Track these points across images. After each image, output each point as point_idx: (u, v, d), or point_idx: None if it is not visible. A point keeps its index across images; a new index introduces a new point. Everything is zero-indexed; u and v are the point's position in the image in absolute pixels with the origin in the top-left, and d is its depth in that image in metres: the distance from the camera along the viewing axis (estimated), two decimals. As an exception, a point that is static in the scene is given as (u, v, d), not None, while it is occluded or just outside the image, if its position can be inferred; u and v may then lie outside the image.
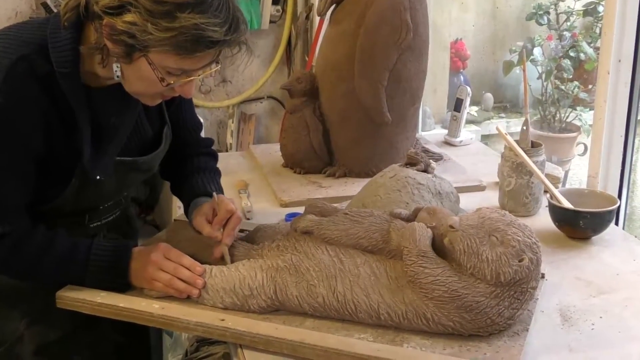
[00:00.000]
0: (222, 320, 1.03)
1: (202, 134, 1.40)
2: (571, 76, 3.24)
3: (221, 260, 1.14)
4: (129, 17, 0.96)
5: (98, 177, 1.11)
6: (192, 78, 1.03)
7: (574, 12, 3.32)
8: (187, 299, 1.09)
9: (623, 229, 1.49)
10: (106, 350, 1.26)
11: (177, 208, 2.14)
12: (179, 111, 1.29)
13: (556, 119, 3.32)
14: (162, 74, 1.01)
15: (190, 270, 1.08)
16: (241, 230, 1.31)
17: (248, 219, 1.48)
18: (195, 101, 2.36)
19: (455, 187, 1.33)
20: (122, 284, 1.10)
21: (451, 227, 1.00)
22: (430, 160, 1.31)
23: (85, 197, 1.12)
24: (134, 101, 1.13)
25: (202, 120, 1.43)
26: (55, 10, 2.10)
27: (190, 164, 1.33)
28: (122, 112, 1.13)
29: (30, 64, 1.00)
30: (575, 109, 3.30)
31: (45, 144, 1.04)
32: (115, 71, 1.03)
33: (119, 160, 1.16)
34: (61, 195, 1.09)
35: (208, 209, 1.20)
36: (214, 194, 1.20)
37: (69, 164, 1.08)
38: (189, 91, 1.06)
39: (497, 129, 1.47)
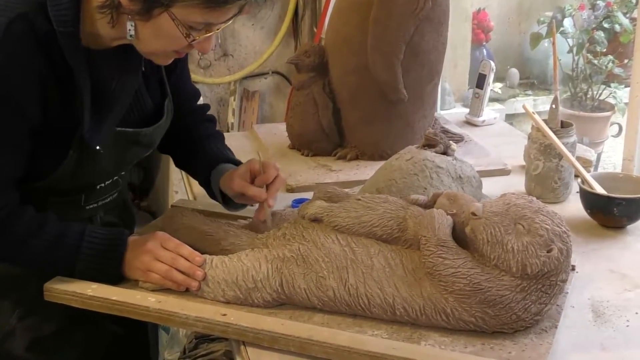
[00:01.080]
0: (224, 315, 1.03)
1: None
2: (605, 50, 3.20)
3: (262, 225, 1.17)
4: None
5: (97, 148, 1.11)
6: (212, 32, 1.04)
7: (608, -21, 3.28)
8: (186, 292, 1.09)
9: (661, 216, 1.48)
10: (103, 345, 1.26)
11: (174, 193, 2.15)
12: (179, 82, 1.30)
13: (588, 96, 3.29)
14: (186, 29, 1.01)
15: (189, 260, 1.09)
16: (244, 218, 1.32)
17: (251, 205, 1.48)
18: (193, 77, 2.37)
19: (478, 171, 1.33)
20: (114, 275, 1.10)
21: (473, 214, 1.00)
22: (450, 142, 1.30)
23: (83, 173, 1.13)
24: (135, 66, 1.13)
25: (201, 98, 1.45)
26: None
27: (196, 133, 1.35)
28: (123, 76, 1.14)
29: (29, 22, 1.00)
30: (609, 86, 3.27)
31: (42, 111, 1.04)
32: (129, 30, 1.03)
33: (120, 132, 1.16)
34: (58, 169, 1.09)
35: (244, 171, 1.23)
36: (258, 152, 1.23)
37: (67, 134, 1.08)
38: (208, 47, 1.07)
39: (524, 107, 1.46)
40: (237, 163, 1.31)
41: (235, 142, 1.86)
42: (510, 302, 0.97)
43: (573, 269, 1.17)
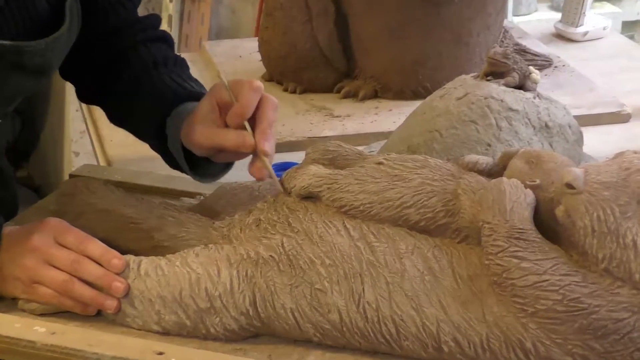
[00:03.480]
0: (160, 354, 1.03)
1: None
2: None
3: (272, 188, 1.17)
4: None
5: None
6: None
7: None
8: (97, 316, 1.10)
9: None
10: None
11: (73, 156, 2.15)
12: None
13: None
14: None
15: (100, 264, 1.09)
16: (192, 195, 1.33)
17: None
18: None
19: (577, 117, 1.34)
20: None
21: (569, 186, 1.00)
22: (530, 68, 1.31)
23: None
24: None
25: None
26: None
27: (138, 59, 1.36)
28: None
29: None
30: None
31: None
32: None
33: None
34: None
35: (208, 109, 1.22)
36: (220, 75, 1.22)
37: None
38: None
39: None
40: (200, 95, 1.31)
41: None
42: (631, 330, 0.96)
43: None
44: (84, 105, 1.90)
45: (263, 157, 1.16)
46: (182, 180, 1.39)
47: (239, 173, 1.46)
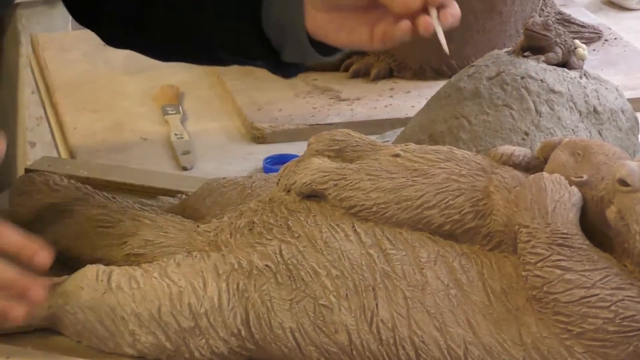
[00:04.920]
0: None
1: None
2: None
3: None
4: None
5: None
6: None
7: None
8: (60, 336, 1.10)
9: None
10: None
11: (29, 147, 2.16)
12: None
13: None
14: None
15: (21, 258, 1.06)
16: (172, 194, 1.33)
17: (186, 168, 1.52)
18: None
19: (631, 100, 1.34)
20: None
21: (622, 182, 1.00)
22: (576, 42, 1.31)
23: None
24: None
25: None
26: None
27: None
28: None
29: None
30: None
31: None
32: None
33: None
34: None
35: None
36: None
37: None
38: None
39: None
40: None
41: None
42: (696, 354, 0.97)
43: None
44: (41, 87, 1.90)
45: (435, 19, 1.14)
46: (160, 176, 1.40)
47: (229, 167, 1.47)
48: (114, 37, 1.44)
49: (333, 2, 1.24)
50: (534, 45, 1.30)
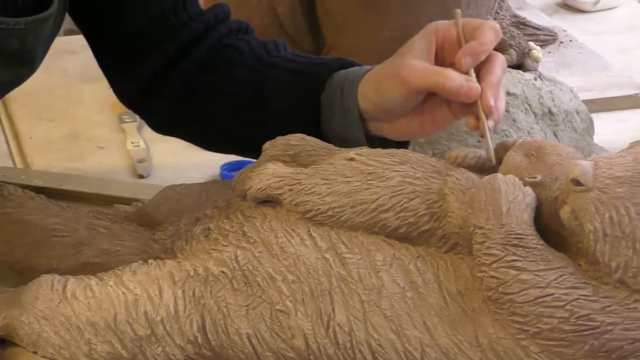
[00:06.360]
0: None
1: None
2: None
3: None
4: None
5: None
6: None
7: None
8: (13, 346, 1.09)
9: None
10: None
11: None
12: None
13: None
14: None
15: None
16: (127, 202, 1.33)
17: (142, 176, 1.53)
18: None
19: (585, 101, 1.36)
20: None
21: (575, 182, 1.00)
22: (531, 44, 1.34)
23: None
24: None
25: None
26: None
27: (250, 53, 1.39)
28: None
29: None
30: None
31: None
32: None
33: None
34: None
35: (425, 43, 1.24)
36: (456, 10, 1.22)
37: None
38: None
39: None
40: (355, 63, 1.34)
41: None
42: (651, 351, 0.97)
43: None
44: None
45: (483, 115, 1.15)
46: (116, 185, 1.39)
47: (185, 175, 1.46)
48: (164, 130, 1.47)
49: (393, 114, 1.25)
50: (490, 48, 1.30)
